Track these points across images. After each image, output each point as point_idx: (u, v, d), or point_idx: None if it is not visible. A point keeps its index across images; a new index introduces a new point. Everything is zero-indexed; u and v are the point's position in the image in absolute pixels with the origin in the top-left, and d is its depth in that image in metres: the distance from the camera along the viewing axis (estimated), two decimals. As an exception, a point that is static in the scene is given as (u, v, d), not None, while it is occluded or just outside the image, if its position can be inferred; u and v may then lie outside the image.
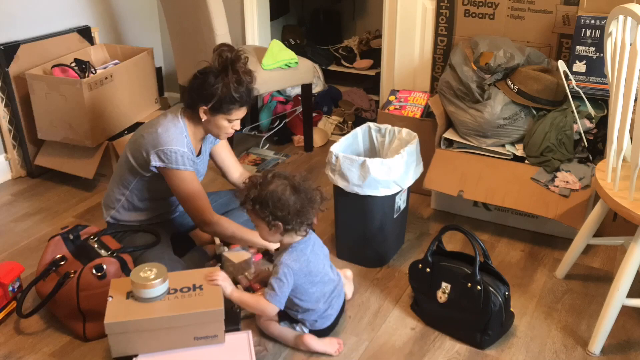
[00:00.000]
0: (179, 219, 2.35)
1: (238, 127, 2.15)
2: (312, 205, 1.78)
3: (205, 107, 2.05)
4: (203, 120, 2.09)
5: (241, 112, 2.10)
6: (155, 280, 1.70)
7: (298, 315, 1.89)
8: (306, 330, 1.90)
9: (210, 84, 2.01)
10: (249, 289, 2.14)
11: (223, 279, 1.80)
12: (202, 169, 2.28)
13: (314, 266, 1.84)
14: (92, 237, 2.06)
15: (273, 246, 2.05)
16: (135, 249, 2.07)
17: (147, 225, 2.21)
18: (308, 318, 1.89)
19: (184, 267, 2.08)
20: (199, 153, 2.23)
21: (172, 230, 2.30)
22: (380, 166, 2.10)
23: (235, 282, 2.17)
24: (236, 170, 2.39)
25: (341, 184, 2.17)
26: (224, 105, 2.04)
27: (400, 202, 2.28)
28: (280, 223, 1.76)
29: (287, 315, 1.91)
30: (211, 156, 2.35)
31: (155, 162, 2.04)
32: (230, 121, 2.10)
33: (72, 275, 1.90)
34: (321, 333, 1.92)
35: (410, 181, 2.24)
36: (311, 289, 1.84)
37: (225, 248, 2.29)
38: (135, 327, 1.67)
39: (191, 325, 1.70)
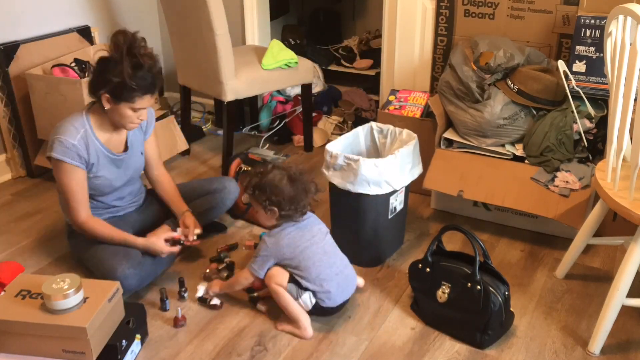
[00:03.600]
0: (135, 215, 2.34)
1: (145, 117, 2.08)
2: (306, 194, 1.96)
3: (107, 95, 1.98)
4: (106, 108, 2.01)
5: (146, 101, 2.01)
6: (69, 290, 1.67)
7: (306, 284, 1.94)
8: (312, 301, 1.94)
9: (108, 71, 1.94)
10: (250, 289, 2.14)
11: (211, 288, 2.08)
12: (134, 163, 2.23)
13: (300, 242, 1.94)
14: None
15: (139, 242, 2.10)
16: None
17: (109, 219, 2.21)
18: (314, 291, 1.94)
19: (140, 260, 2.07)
20: (125, 149, 2.19)
21: (130, 226, 2.27)
22: (372, 166, 2.11)
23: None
24: (156, 169, 2.34)
25: (335, 181, 2.19)
26: (125, 92, 1.96)
27: (396, 203, 2.28)
28: (275, 208, 1.93)
29: (297, 282, 1.95)
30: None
31: (48, 151, 2.03)
32: (134, 110, 2.02)
33: None
34: (325, 311, 1.98)
35: (404, 182, 2.24)
36: (310, 267, 1.93)
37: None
38: (4, 327, 1.68)
39: (57, 338, 1.68)
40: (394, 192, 2.22)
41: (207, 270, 2.25)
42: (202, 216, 2.37)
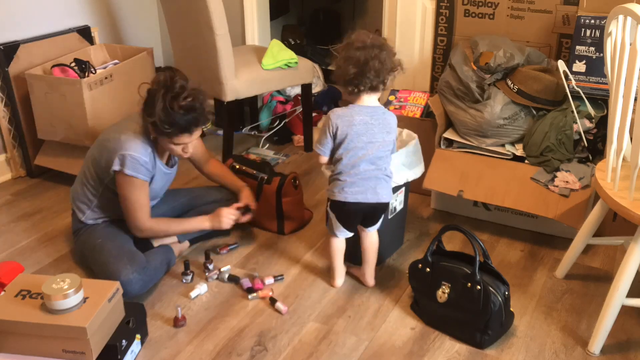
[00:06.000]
0: None
1: (190, 150, 2.11)
2: (379, 68, 1.92)
3: (151, 126, 2.03)
4: (152, 137, 2.08)
5: (185, 138, 2.04)
6: (69, 290, 1.67)
7: (339, 167, 1.99)
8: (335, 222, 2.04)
9: (152, 105, 1.98)
10: (250, 290, 2.15)
11: None
12: (173, 176, 2.32)
13: (355, 129, 1.94)
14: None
15: (199, 224, 2.24)
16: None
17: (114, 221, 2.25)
18: (337, 177, 2.00)
19: (142, 260, 2.09)
20: (169, 162, 2.25)
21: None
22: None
23: (236, 279, 2.18)
24: (205, 166, 2.43)
25: None
26: (163, 129, 1.99)
27: (396, 203, 2.28)
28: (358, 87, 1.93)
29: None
30: None
31: (115, 166, 2.04)
32: (176, 144, 2.06)
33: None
34: (342, 212, 2.04)
35: (404, 181, 2.23)
36: (348, 154, 1.96)
37: None
38: (4, 327, 1.68)
39: (57, 338, 1.67)
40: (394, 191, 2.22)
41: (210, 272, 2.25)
42: None
